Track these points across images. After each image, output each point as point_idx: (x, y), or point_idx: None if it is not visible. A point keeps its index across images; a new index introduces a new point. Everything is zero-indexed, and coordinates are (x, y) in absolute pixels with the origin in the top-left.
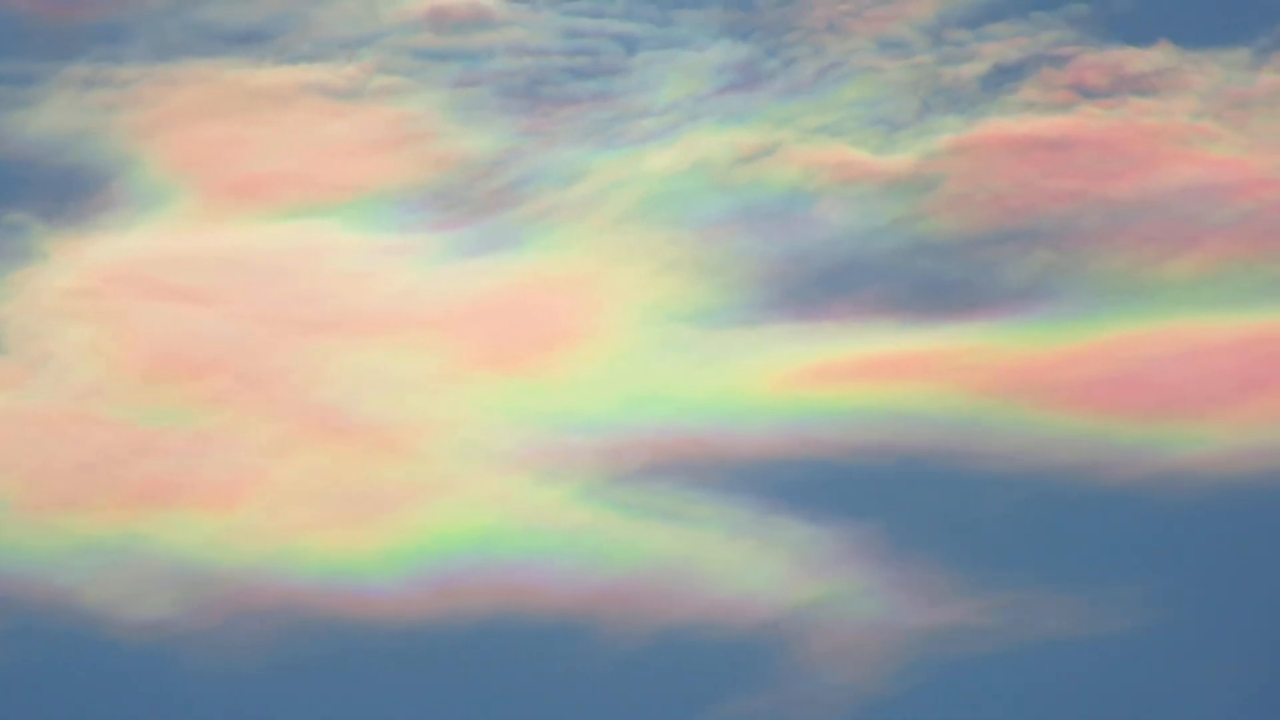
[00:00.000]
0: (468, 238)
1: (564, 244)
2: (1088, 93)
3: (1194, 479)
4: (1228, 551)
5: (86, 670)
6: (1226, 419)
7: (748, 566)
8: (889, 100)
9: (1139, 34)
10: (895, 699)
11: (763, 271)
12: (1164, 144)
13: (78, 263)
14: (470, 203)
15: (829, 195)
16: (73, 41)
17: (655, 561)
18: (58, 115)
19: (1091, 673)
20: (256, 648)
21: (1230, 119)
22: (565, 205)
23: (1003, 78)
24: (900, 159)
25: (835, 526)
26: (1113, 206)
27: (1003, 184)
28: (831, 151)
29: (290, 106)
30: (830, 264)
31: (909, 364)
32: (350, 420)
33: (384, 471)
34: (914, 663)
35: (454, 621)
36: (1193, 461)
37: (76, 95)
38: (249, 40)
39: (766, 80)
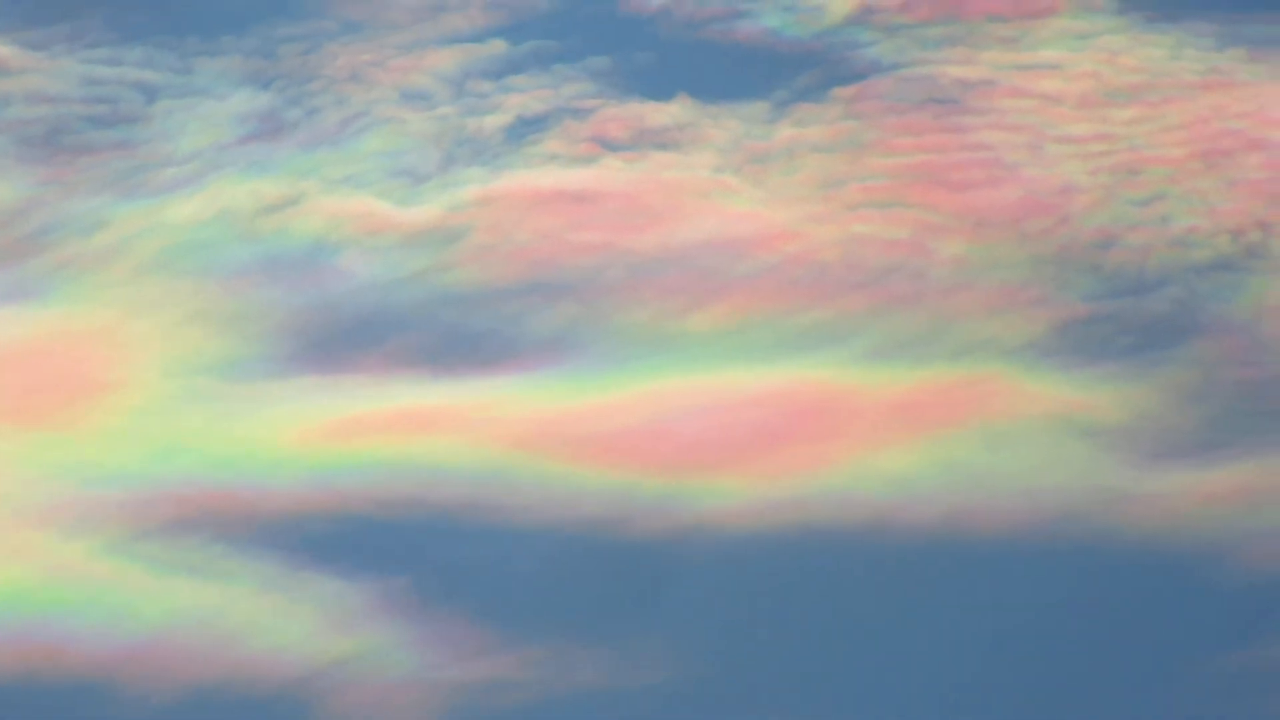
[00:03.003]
0: None
1: (86, 295)
2: (610, 145)
3: (718, 532)
4: (753, 603)
5: None
6: (750, 472)
7: (277, 622)
8: (412, 151)
9: (659, 88)
10: None
11: (288, 323)
12: (685, 197)
13: None
14: None
15: (353, 247)
16: None
17: (183, 618)
18: None
19: None
20: None
21: (749, 173)
22: (86, 255)
23: (526, 129)
24: (425, 210)
25: (365, 581)
26: (636, 259)
27: (527, 236)
28: (355, 203)
29: None
30: (356, 316)
31: (436, 417)
32: None
33: None
34: (447, 718)
35: None
36: (717, 515)
37: None
38: None
39: (289, 130)
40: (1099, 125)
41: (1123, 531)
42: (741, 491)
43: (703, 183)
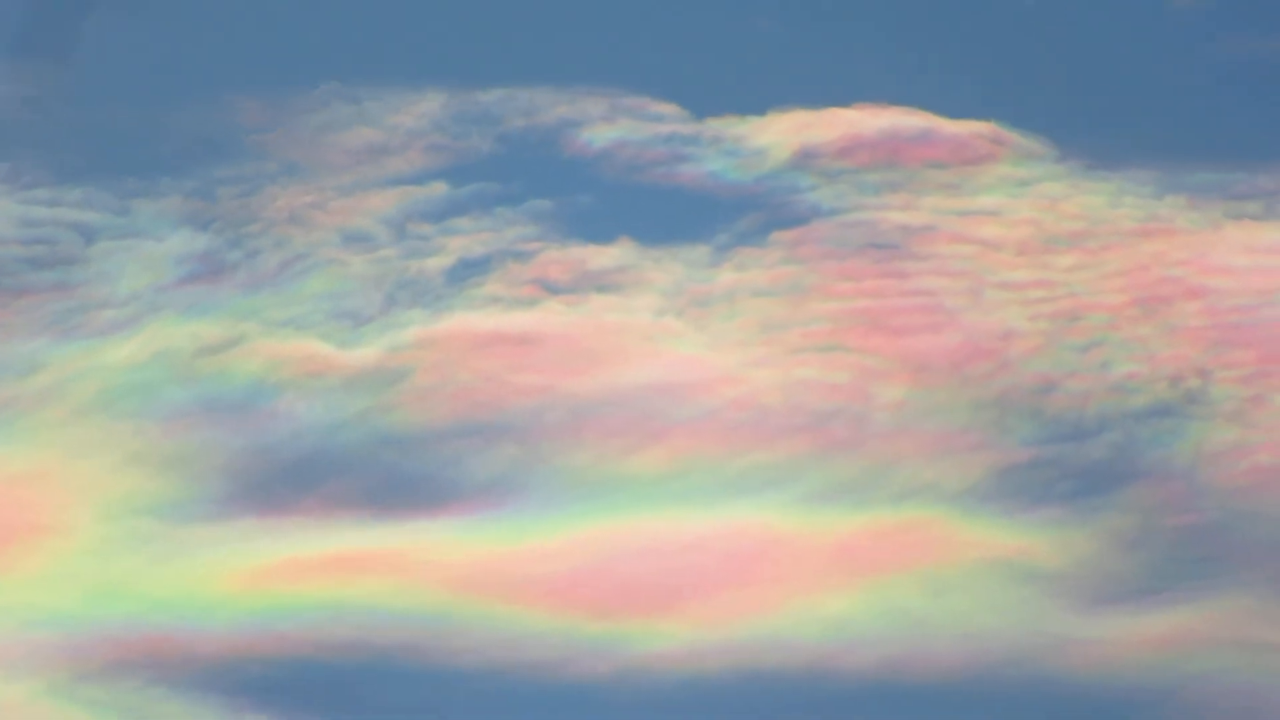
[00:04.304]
0: None
1: (23, 437)
2: (551, 288)
3: (659, 675)
4: None
5: None
6: (690, 616)
7: None
8: (353, 293)
9: (600, 231)
10: None
11: (227, 465)
12: (627, 340)
13: None
14: None
15: (294, 388)
16: None
17: None
18: None
19: None
20: None
21: (691, 316)
22: (24, 397)
23: (467, 272)
24: (365, 352)
25: None
26: (577, 402)
27: (469, 378)
28: (296, 344)
29: None
30: (296, 458)
31: (376, 560)
32: None
33: None
34: None
35: None
36: (658, 657)
37: None
38: None
39: (229, 271)
40: (1039, 271)
41: (1062, 676)
42: (682, 635)
43: (644, 326)
